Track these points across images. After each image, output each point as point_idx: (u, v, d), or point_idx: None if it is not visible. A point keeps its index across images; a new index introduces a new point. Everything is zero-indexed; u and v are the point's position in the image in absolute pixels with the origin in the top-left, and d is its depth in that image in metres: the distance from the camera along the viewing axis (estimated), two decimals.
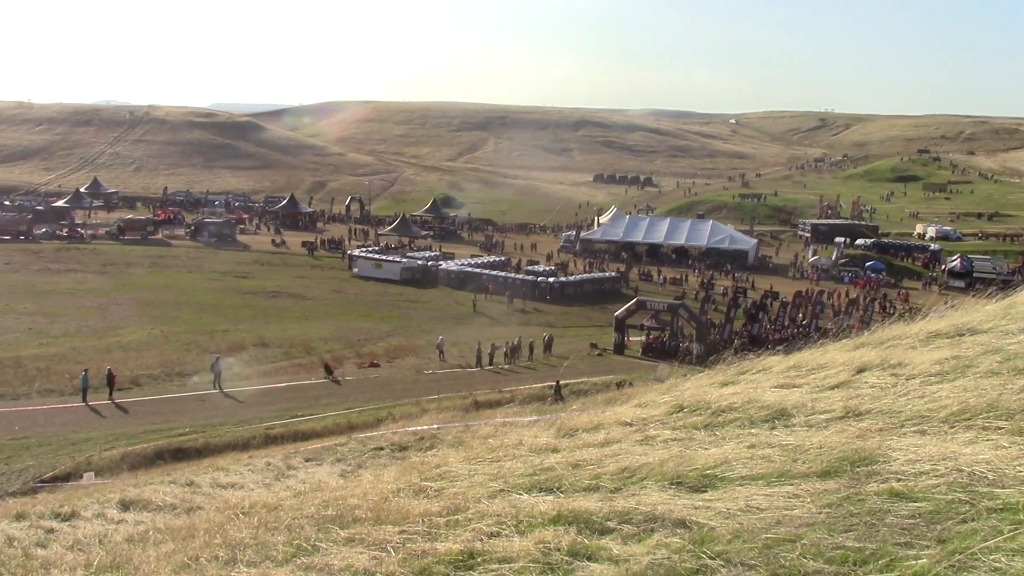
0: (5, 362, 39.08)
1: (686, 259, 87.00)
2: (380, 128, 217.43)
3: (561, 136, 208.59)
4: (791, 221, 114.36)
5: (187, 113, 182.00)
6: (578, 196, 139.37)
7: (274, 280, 69.48)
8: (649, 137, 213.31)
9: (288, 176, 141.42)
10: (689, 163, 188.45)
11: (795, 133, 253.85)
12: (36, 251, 76.68)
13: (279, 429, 28.33)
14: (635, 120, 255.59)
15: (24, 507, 13.64)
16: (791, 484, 4.40)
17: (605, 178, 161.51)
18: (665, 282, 75.37)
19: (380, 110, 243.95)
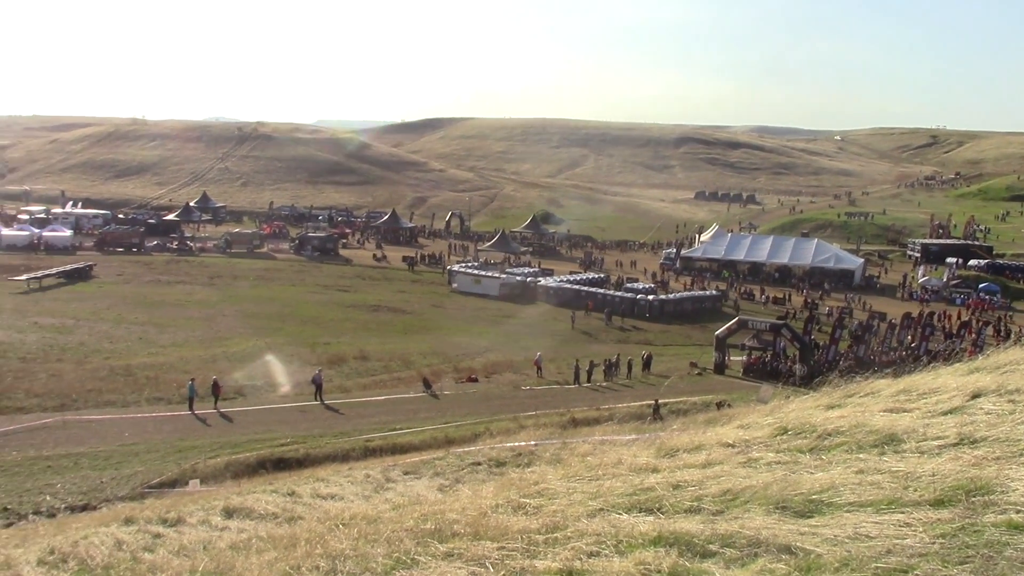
0: (116, 370, 40.41)
1: (789, 278, 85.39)
2: (481, 144, 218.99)
3: (662, 153, 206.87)
4: (900, 241, 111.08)
5: (293, 129, 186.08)
6: (679, 213, 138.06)
7: (375, 294, 70.41)
8: (752, 154, 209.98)
9: (390, 191, 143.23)
10: (793, 180, 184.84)
11: (904, 150, 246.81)
12: (147, 263, 79.18)
13: (378, 442, 28.63)
14: (738, 137, 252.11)
15: (133, 512, 14.01)
16: (902, 512, 4.28)
17: (707, 195, 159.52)
18: (767, 301, 74.14)
19: (481, 127, 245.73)
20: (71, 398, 35.23)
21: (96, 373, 39.79)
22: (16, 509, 21.59)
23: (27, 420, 31.47)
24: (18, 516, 21.09)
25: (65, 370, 40.15)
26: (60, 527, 17.99)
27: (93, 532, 11.20)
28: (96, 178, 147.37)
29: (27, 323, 50.37)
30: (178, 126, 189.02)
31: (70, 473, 25.15)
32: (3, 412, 32.42)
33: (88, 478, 24.52)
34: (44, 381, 37.71)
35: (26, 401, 34.56)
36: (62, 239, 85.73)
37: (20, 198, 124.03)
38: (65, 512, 21.41)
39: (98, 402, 35.17)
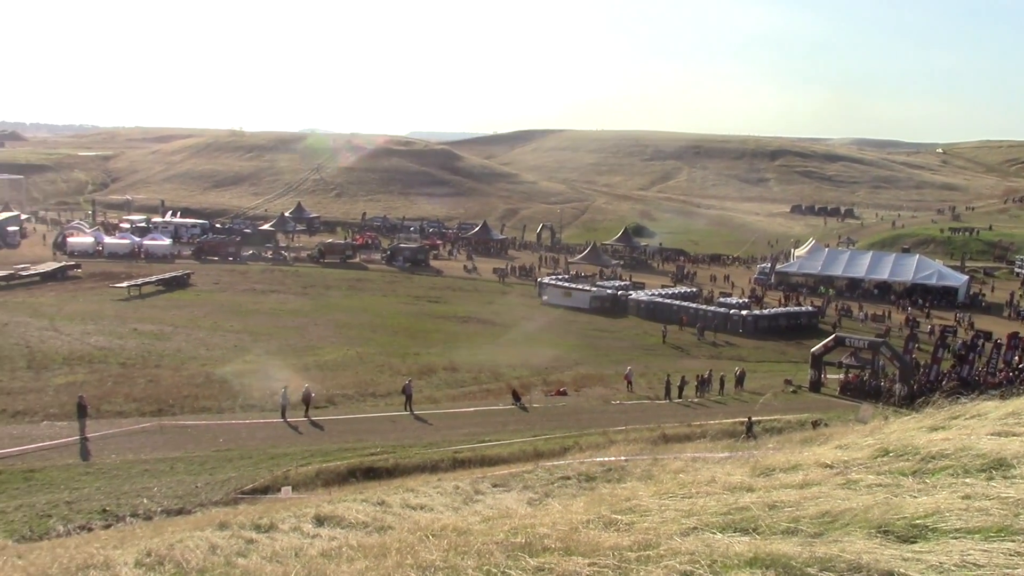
0: (212, 377, 41.35)
1: (889, 295, 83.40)
2: (572, 157, 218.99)
3: (757, 166, 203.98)
4: (1007, 257, 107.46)
5: (386, 141, 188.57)
6: (774, 227, 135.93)
7: (465, 306, 70.84)
8: (851, 167, 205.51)
9: (481, 203, 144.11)
10: (894, 195, 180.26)
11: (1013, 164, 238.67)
12: (243, 272, 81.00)
13: (467, 453, 28.69)
14: (836, 149, 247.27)
15: (226, 517, 14.23)
16: (1012, 540, 4.09)
17: (803, 209, 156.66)
18: (866, 318, 72.46)
19: (573, 139, 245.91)
20: (168, 403, 36.12)
21: (192, 379, 40.78)
22: (114, 511, 22.14)
23: (126, 424, 32.32)
24: (116, 518, 21.61)
25: (163, 376, 41.26)
26: (156, 530, 18.40)
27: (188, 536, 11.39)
28: (195, 188, 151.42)
29: (127, 329, 51.89)
30: (274, 137, 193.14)
31: (166, 477, 25.73)
32: (103, 416, 33.32)
33: (183, 482, 25.04)
34: (143, 386, 38.78)
35: (125, 406, 35.53)
36: (161, 248, 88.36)
37: (122, 207, 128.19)
38: (161, 515, 21.86)
39: (194, 408, 36.04)
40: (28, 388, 37.82)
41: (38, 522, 21.12)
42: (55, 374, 40.67)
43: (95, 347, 46.66)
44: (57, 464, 26.96)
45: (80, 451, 28.65)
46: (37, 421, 32.71)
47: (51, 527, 20.67)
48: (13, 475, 25.55)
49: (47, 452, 28.31)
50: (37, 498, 23.39)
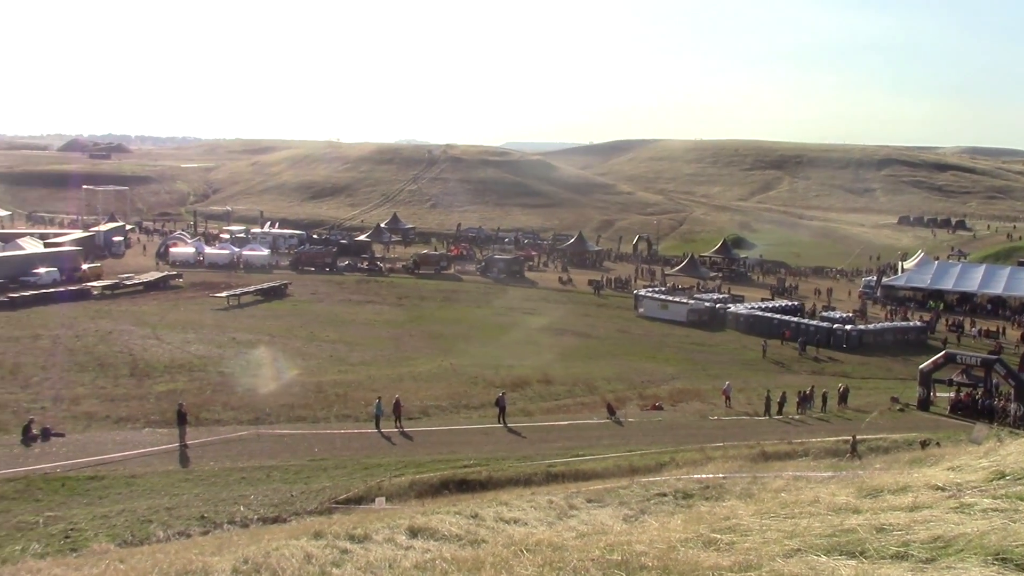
0: (308, 387, 41.93)
1: (1003, 310, 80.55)
2: (670, 167, 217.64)
3: (863, 175, 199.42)
4: None
5: (481, 152, 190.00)
6: (880, 239, 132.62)
7: (559, 317, 70.59)
8: (962, 177, 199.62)
9: (577, 214, 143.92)
10: (1009, 205, 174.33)
11: None
12: (339, 282, 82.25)
13: (560, 467, 28.44)
14: (947, 158, 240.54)
15: (321, 526, 14.23)
16: None
17: (911, 220, 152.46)
18: (979, 334, 70.01)
19: (671, 149, 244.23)
20: (265, 412, 36.70)
21: (288, 389, 41.41)
22: (212, 518, 22.49)
23: (224, 432, 32.95)
24: (214, 524, 21.94)
25: (260, 385, 41.97)
26: (253, 537, 18.56)
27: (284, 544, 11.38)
28: (293, 199, 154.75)
29: (226, 338, 53.03)
30: (371, 148, 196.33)
31: (262, 485, 26.08)
32: (202, 424, 33.99)
33: (279, 491, 25.34)
34: (240, 395, 39.50)
35: (223, 414, 36.22)
36: (260, 258, 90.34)
37: (222, 218, 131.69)
38: (257, 523, 22.13)
39: (290, 417, 36.52)
40: (131, 395, 38.85)
41: (139, 527, 21.58)
42: (156, 382, 41.74)
43: (195, 355, 47.78)
44: (158, 470, 27.59)
45: (180, 458, 29.27)
46: (139, 427, 33.54)
47: (151, 532, 21.10)
48: (116, 480, 26.21)
49: (148, 458, 28.97)
50: (138, 503, 23.92)
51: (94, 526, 21.65)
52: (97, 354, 46.67)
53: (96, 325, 55.15)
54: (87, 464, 27.59)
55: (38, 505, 23.71)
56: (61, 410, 35.53)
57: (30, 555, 18.87)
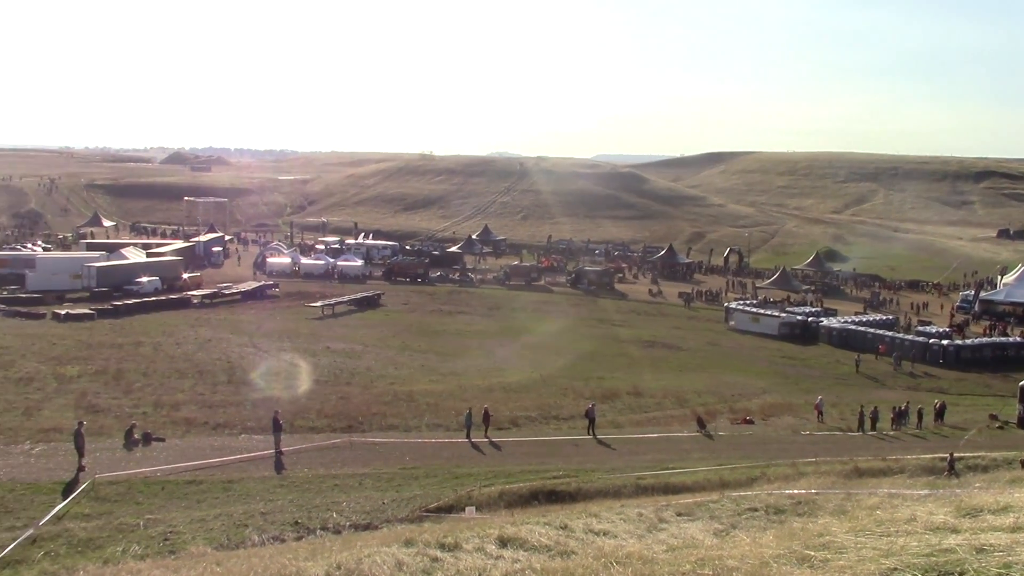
0: (400, 396, 42.36)
1: None
2: (762, 179, 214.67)
3: (960, 188, 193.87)
4: None
5: (572, 164, 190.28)
6: (978, 253, 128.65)
7: (649, 330, 70.22)
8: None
9: (667, 226, 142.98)
10: None
11: None
12: (431, 293, 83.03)
13: (650, 480, 28.24)
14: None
15: (412, 534, 14.38)
16: None
17: (1011, 234, 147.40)
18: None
19: (763, 161, 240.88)
20: (358, 420, 37.13)
21: (381, 397, 41.88)
22: (306, 523, 22.88)
23: (318, 440, 33.47)
24: (307, 530, 22.31)
25: (353, 393, 42.54)
26: (345, 544, 18.82)
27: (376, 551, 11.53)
28: (386, 211, 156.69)
29: (320, 347, 53.92)
30: (463, 161, 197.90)
31: (355, 492, 26.42)
32: (297, 431, 34.59)
33: (371, 498, 25.64)
34: (334, 403, 40.08)
35: (318, 421, 36.77)
36: (354, 268, 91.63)
37: (318, 229, 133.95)
38: (349, 529, 22.40)
39: (382, 425, 36.88)
40: (228, 402, 39.73)
41: (235, 531, 22.02)
42: (252, 389, 42.64)
43: (290, 364, 48.69)
44: (253, 476, 28.14)
45: (275, 464, 29.80)
46: (236, 434, 34.26)
47: (247, 536, 21.49)
48: (213, 485, 26.81)
49: (245, 464, 29.58)
50: (235, 508, 24.43)
51: (192, 529, 22.14)
52: (196, 361, 47.92)
53: (195, 333, 56.61)
54: (186, 468, 28.27)
55: (139, 508, 24.31)
56: (161, 415, 36.51)
57: (131, 556, 19.44)
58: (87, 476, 26.47)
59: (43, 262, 78.74)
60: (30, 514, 23.05)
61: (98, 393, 40.25)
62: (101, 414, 36.04)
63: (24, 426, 33.61)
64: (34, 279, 73.95)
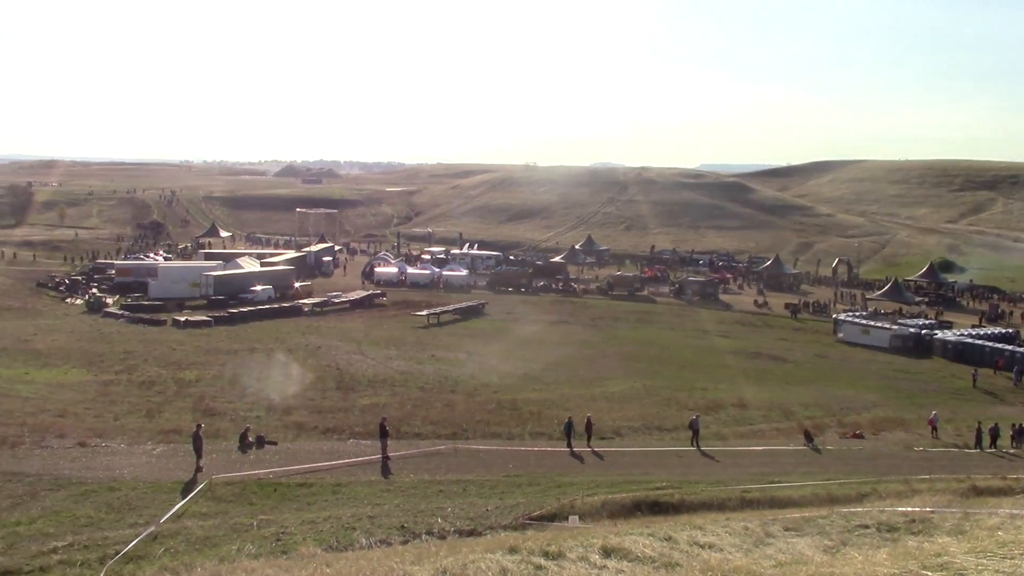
0: (503, 404, 42.59)
1: None
2: (873, 188, 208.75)
3: None
4: None
5: (676, 175, 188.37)
6: None
7: (755, 341, 69.14)
8: None
9: (773, 237, 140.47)
10: None
11: None
12: (534, 302, 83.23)
13: (755, 493, 27.76)
14: None
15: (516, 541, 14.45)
16: None
17: None
18: None
19: (873, 169, 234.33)
20: (462, 427, 37.50)
21: (485, 405, 42.20)
22: (412, 528, 23.11)
23: (423, 446, 33.80)
24: (413, 534, 22.53)
25: (457, 401, 42.98)
26: (451, 549, 19.00)
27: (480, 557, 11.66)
28: (490, 221, 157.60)
29: (426, 355, 54.61)
30: (567, 172, 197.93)
31: (459, 499, 26.61)
32: (403, 437, 35.04)
33: (475, 505, 25.78)
34: (439, 410, 40.58)
35: (423, 428, 37.26)
36: (459, 278, 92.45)
37: (424, 239, 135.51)
38: (454, 535, 22.57)
39: (485, 433, 37.15)
40: (337, 407, 40.57)
41: (344, 533, 22.39)
42: (361, 395, 43.45)
43: (396, 371, 49.46)
44: (361, 480, 28.58)
45: (382, 469, 30.19)
46: (344, 438, 34.93)
47: (355, 539, 21.82)
48: (323, 488, 27.33)
49: (353, 468, 30.07)
50: (343, 511, 24.85)
51: (303, 530, 22.54)
52: (307, 367, 49.05)
53: (306, 340, 57.94)
54: (297, 472, 28.87)
55: (252, 508, 24.90)
56: (274, 419, 37.51)
57: (245, 555, 19.91)
58: (204, 477, 27.30)
59: (164, 271, 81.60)
60: (152, 512, 23.85)
61: (215, 397, 41.65)
62: (217, 417, 37.23)
63: (146, 427, 34.96)
64: (156, 287, 76.82)
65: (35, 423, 34.44)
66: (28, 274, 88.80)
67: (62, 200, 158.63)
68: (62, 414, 36.78)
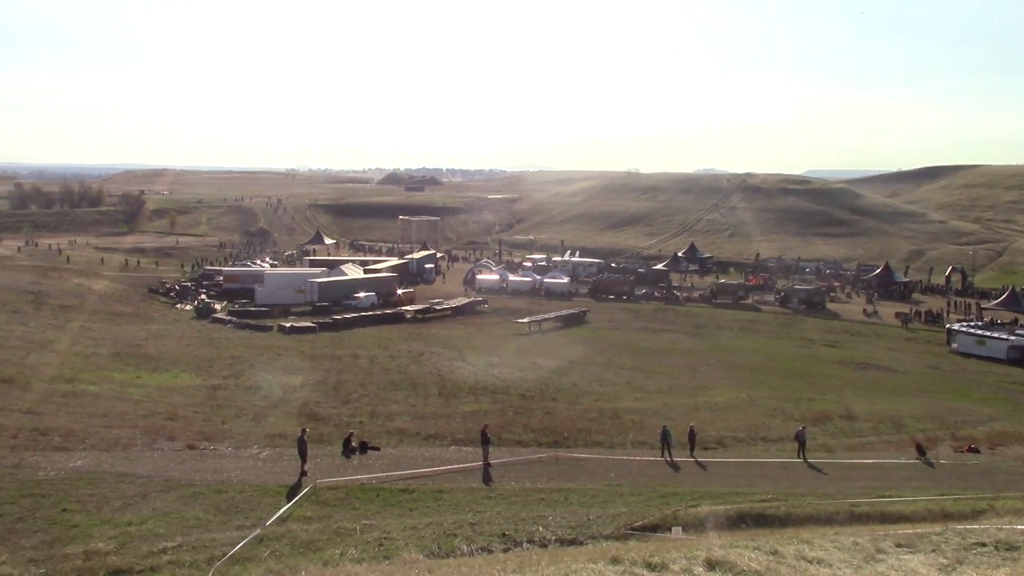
0: (605, 413, 42.36)
1: None
2: (988, 194, 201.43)
3: None
4: None
5: (781, 180, 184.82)
6: None
7: (864, 351, 67.39)
8: None
9: (883, 244, 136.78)
10: None
11: None
12: (636, 310, 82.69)
13: (865, 507, 26.98)
14: None
15: (618, 552, 14.31)
16: None
17: None
18: None
19: (989, 175, 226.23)
20: (563, 435, 37.31)
21: (586, 414, 42.01)
22: (513, 535, 23.06)
23: (524, 453, 33.80)
24: (514, 542, 22.48)
25: (558, 409, 42.87)
26: (552, 558, 18.92)
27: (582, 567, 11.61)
28: (592, 228, 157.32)
29: (527, 363, 54.67)
30: (669, 178, 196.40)
31: (560, 507, 26.46)
32: (504, 444, 35.04)
33: (576, 513, 25.61)
34: (540, 418, 40.52)
35: (524, 435, 37.22)
36: (560, 286, 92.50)
37: (525, 247, 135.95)
38: (555, 544, 22.42)
39: (587, 441, 36.87)
40: (439, 414, 40.90)
41: (445, 540, 22.47)
42: (462, 402, 43.73)
43: (498, 378, 49.63)
44: (463, 487, 28.67)
45: (483, 476, 30.25)
46: (446, 445, 35.13)
47: (456, 546, 21.88)
48: (425, 494, 27.52)
49: (454, 475, 30.19)
50: (445, 517, 24.94)
51: (405, 536, 22.64)
52: (409, 374, 49.62)
53: (408, 347, 58.60)
54: (399, 477, 29.13)
55: (356, 513, 25.15)
56: (377, 425, 37.96)
57: (348, 559, 20.15)
58: (309, 481, 27.74)
59: (271, 278, 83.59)
60: (258, 514, 24.29)
61: (319, 402, 42.37)
62: (322, 422, 37.83)
63: (253, 431, 35.75)
64: (263, 293, 78.70)
65: (146, 425, 35.53)
66: (140, 280, 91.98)
67: (172, 208, 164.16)
68: (172, 417, 37.88)
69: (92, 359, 51.69)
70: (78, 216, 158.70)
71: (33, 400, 39.23)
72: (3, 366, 46.50)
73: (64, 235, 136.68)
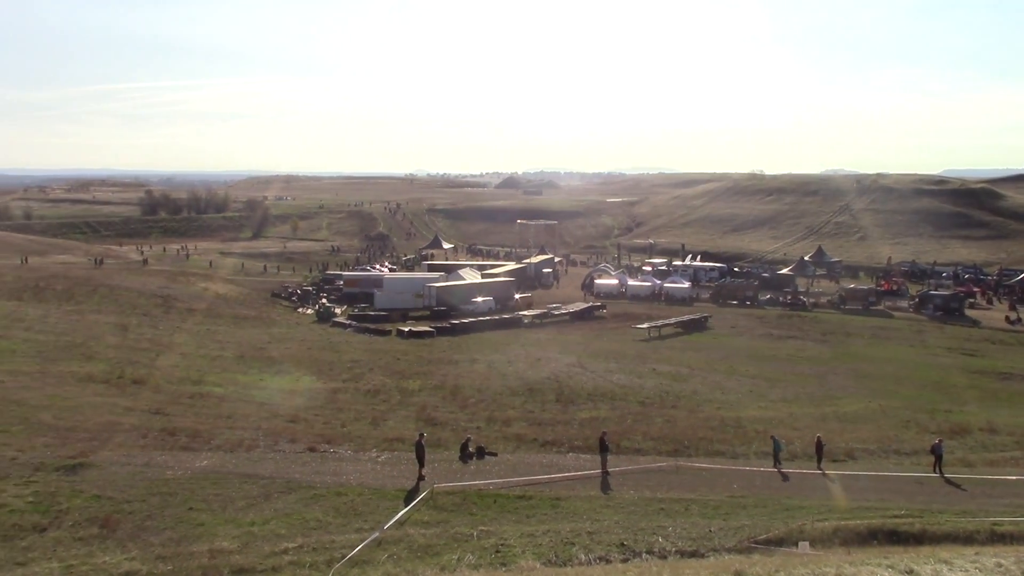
0: (727, 421, 41.24)
1: None
2: None
3: None
4: None
5: (916, 181, 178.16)
6: None
7: (1006, 360, 64.07)
8: None
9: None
10: None
11: None
12: (760, 316, 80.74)
13: (1008, 526, 25.37)
14: None
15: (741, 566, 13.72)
16: None
17: None
18: None
19: None
20: (683, 444, 36.41)
21: (707, 422, 40.93)
22: (631, 545, 22.48)
23: (644, 462, 33.06)
24: (633, 552, 21.92)
25: (679, 417, 41.92)
26: (672, 570, 18.30)
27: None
28: (714, 232, 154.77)
29: (646, 369, 53.77)
30: (795, 180, 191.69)
31: (680, 518, 25.73)
32: (622, 452, 34.38)
33: (697, 525, 24.86)
34: (660, 426, 39.65)
35: (643, 443, 36.45)
36: (681, 290, 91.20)
37: (645, 251, 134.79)
38: (675, 555, 21.82)
39: (708, 451, 35.91)
40: (556, 420, 40.43)
41: (563, 548, 22.08)
42: (580, 408, 43.17)
43: (616, 385, 48.87)
44: (580, 495, 28.22)
45: (601, 484, 29.77)
46: (563, 452, 34.67)
47: (574, 555, 21.53)
48: (542, 501, 27.15)
49: (572, 482, 29.77)
50: (562, 525, 24.56)
51: (522, 543, 22.38)
52: (526, 379, 49.30)
53: (526, 352, 58.35)
54: (516, 483, 28.86)
55: (472, 519, 25.03)
56: (494, 431, 37.78)
57: (465, 565, 20.07)
58: (426, 485, 27.73)
59: (390, 282, 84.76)
60: (376, 518, 24.41)
61: (436, 407, 42.47)
62: (439, 427, 37.88)
63: (371, 435, 35.93)
64: (382, 298, 79.86)
65: (269, 427, 36.09)
66: (263, 284, 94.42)
67: (295, 213, 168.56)
68: (293, 420, 38.44)
69: (217, 361, 53.06)
70: (204, 222, 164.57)
71: (162, 401, 40.38)
72: (134, 368, 48.07)
73: (191, 240, 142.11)
